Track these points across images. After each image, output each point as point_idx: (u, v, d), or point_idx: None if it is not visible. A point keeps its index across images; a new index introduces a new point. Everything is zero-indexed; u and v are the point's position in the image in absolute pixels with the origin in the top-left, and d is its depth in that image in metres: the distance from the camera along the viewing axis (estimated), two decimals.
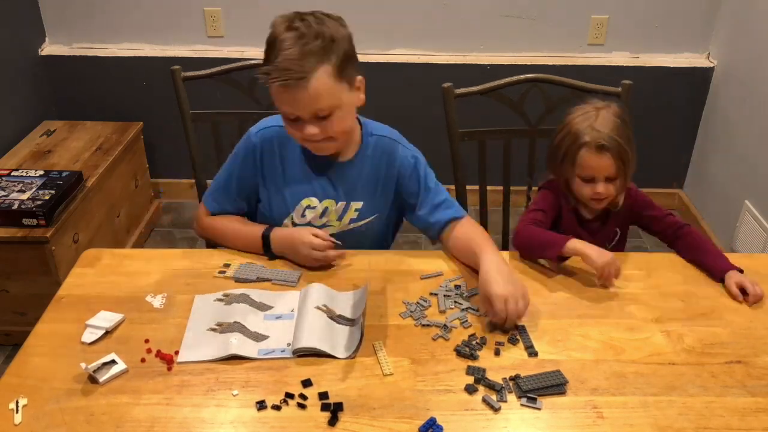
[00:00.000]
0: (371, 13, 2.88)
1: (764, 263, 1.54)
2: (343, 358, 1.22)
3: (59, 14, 2.92)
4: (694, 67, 2.94)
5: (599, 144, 1.47)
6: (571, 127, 1.52)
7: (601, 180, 1.50)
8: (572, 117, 1.53)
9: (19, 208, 2.15)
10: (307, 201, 1.53)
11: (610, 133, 1.47)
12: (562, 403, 1.14)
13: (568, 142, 1.51)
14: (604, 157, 1.48)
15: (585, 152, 1.49)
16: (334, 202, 1.53)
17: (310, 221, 1.54)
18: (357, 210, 1.54)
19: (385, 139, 1.54)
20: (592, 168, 1.49)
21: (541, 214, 1.56)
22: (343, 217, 1.54)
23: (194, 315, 1.32)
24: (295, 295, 1.38)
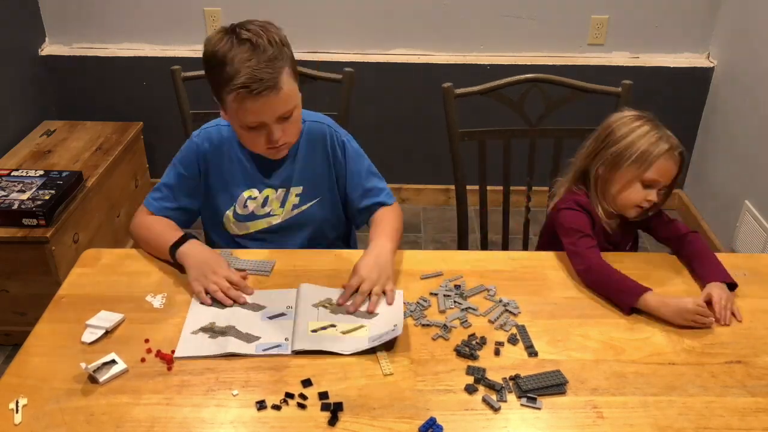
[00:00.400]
0: (371, 13, 2.88)
1: (764, 263, 1.54)
2: (348, 354, 1.22)
3: (59, 14, 2.92)
4: (694, 67, 2.94)
5: (680, 151, 1.51)
6: (642, 132, 1.50)
7: (659, 188, 1.52)
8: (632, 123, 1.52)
9: (19, 208, 2.15)
10: (248, 192, 1.55)
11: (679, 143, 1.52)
12: (562, 403, 1.14)
13: (642, 145, 1.48)
14: (677, 165, 1.52)
15: (665, 158, 1.49)
16: (273, 190, 1.55)
17: (252, 211, 1.56)
18: (297, 195, 1.56)
19: (314, 124, 1.56)
20: (665, 173, 1.50)
21: (590, 240, 1.49)
22: (285, 203, 1.56)
23: (191, 312, 1.33)
24: (290, 293, 1.38)
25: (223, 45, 1.34)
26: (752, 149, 2.61)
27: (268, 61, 1.32)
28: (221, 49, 1.34)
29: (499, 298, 1.39)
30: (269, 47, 1.33)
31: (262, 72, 1.31)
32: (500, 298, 1.39)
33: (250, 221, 1.58)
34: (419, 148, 3.12)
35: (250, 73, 1.31)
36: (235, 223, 1.58)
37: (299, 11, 2.88)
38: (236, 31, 1.36)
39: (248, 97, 1.32)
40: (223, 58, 1.34)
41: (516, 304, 1.37)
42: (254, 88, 1.31)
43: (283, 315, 1.32)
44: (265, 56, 1.32)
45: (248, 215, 1.57)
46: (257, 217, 1.57)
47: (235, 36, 1.35)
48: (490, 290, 1.41)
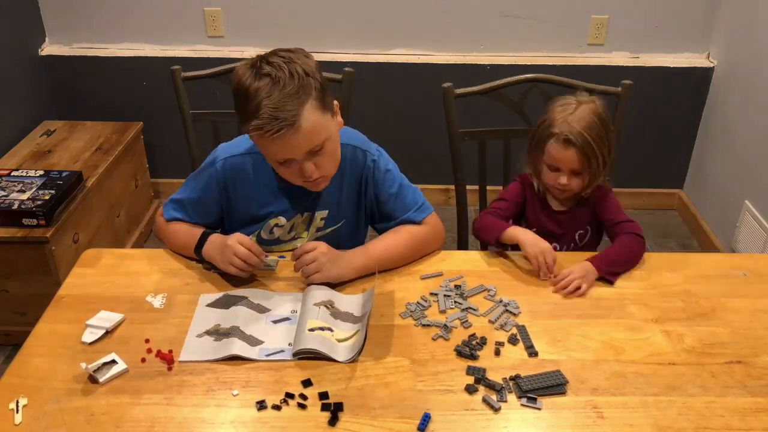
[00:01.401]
0: (371, 13, 2.88)
1: (764, 263, 1.54)
2: (343, 361, 1.22)
3: (59, 14, 2.92)
4: (694, 67, 2.94)
5: (566, 137, 1.52)
6: (548, 116, 1.58)
7: (566, 172, 1.55)
8: (554, 106, 1.59)
9: (19, 208, 2.15)
10: (275, 220, 1.52)
11: (581, 129, 1.52)
12: (562, 403, 1.14)
13: (542, 129, 1.58)
14: (569, 151, 1.53)
15: (553, 143, 1.55)
16: (299, 215, 1.52)
17: (278, 237, 1.54)
18: (323, 219, 1.54)
19: (347, 148, 1.50)
20: (557, 159, 1.55)
21: (502, 203, 1.65)
22: (310, 227, 1.54)
23: (197, 315, 1.33)
24: (295, 296, 1.38)
25: (246, 79, 1.29)
26: (752, 149, 2.61)
27: (288, 97, 1.26)
28: (243, 84, 1.29)
29: (499, 298, 1.39)
30: (290, 81, 1.27)
31: (279, 111, 1.26)
32: (500, 298, 1.39)
33: (275, 245, 1.55)
34: (419, 148, 3.11)
35: (266, 112, 1.26)
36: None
37: (299, 11, 2.88)
38: (258, 65, 1.30)
39: (267, 135, 1.27)
40: (245, 94, 1.29)
41: (516, 304, 1.37)
42: (269, 129, 1.26)
43: (287, 320, 1.32)
44: (284, 91, 1.26)
45: (274, 240, 1.54)
46: (282, 242, 1.54)
47: (256, 70, 1.29)
48: (490, 290, 1.41)
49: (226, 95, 1.86)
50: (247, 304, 1.35)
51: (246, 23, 2.91)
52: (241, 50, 2.95)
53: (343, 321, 1.30)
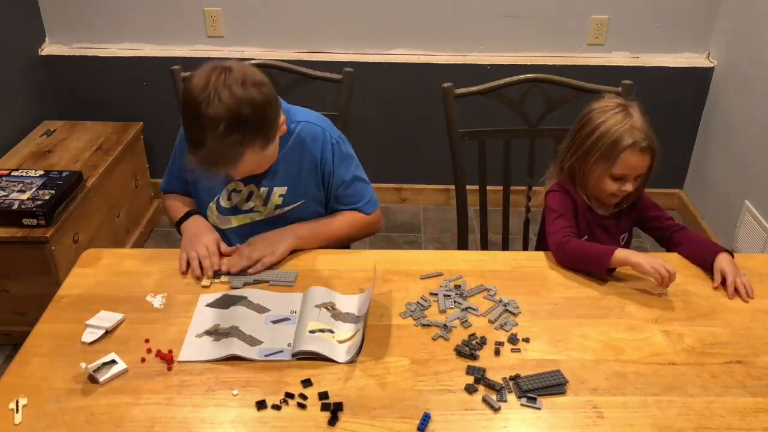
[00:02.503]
0: (371, 13, 2.88)
1: (764, 263, 1.54)
2: (343, 363, 1.22)
3: (59, 14, 2.92)
4: (694, 67, 2.94)
5: (645, 145, 1.49)
6: (608, 128, 1.51)
7: (632, 178, 1.53)
8: (603, 117, 1.52)
9: (19, 208, 2.15)
10: (233, 185, 1.55)
11: (649, 132, 1.50)
12: (562, 403, 1.14)
13: (606, 142, 1.50)
14: (646, 156, 1.51)
15: (629, 153, 1.49)
16: (256, 187, 1.55)
17: (236, 204, 1.57)
18: (281, 196, 1.55)
19: (308, 125, 1.55)
20: (633, 168, 1.51)
21: (566, 219, 1.55)
22: (268, 202, 1.56)
23: (196, 315, 1.33)
24: (294, 296, 1.38)
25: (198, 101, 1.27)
26: (752, 149, 2.61)
27: (231, 144, 1.30)
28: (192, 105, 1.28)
29: (499, 298, 1.39)
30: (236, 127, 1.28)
31: (220, 157, 1.32)
32: (500, 298, 1.39)
33: (232, 215, 1.58)
34: (419, 148, 3.12)
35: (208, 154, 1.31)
36: (219, 217, 1.58)
37: (299, 11, 2.88)
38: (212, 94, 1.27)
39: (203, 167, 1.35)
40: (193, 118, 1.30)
41: (516, 304, 1.37)
42: (207, 168, 1.35)
43: (286, 320, 1.32)
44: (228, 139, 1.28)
45: (231, 209, 1.58)
46: (241, 212, 1.58)
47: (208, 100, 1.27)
48: (490, 290, 1.41)
49: None
50: (247, 304, 1.35)
51: (246, 23, 2.91)
52: (241, 50, 2.95)
53: (344, 322, 1.30)
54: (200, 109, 1.27)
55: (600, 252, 1.44)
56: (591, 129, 1.53)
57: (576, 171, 1.59)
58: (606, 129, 1.51)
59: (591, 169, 1.55)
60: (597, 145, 1.52)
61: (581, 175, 1.58)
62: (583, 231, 1.60)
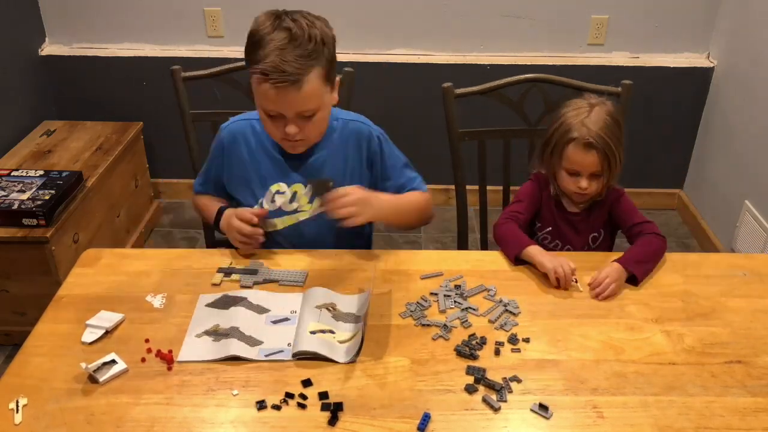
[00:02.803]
0: (371, 13, 2.88)
1: (764, 263, 1.54)
2: (343, 363, 1.22)
3: (59, 14, 2.92)
4: (694, 67, 2.94)
5: (587, 141, 1.51)
6: (563, 121, 1.56)
7: (586, 176, 1.54)
8: (566, 111, 1.57)
9: (19, 208, 2.15)
10: (276, 186, 1.55)
11: (599, 131, 1.51)
12: (563, 403, 1.14)
13: (558, 135, 1.55)
14: (590, 154, 1.51)
15: (573, 147, 1.53)
16: (302, 186, 1.54)
17: (280, 207, 1.55)
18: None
19: (353, 123, 1.57)
20: (578, 163, 1.53)
21: (520, 205, 1.62)
22: (314, 200, 1.54)
23: (196, 315, 1.33)
24: (294, 296, 1.38)
25: (265, 27, 1.34)
26: (752, 149, 2.61)
27: (300, 56, 1.31)
28: (261, 31, 1.34)
29: (499, 298, 1.39)
30: (307, 43, 1.32)
31: (288, 64, 1.31)
32: (500, 298, 1.39)
33: (277, 218, 1.56)
34: (419, 148, 3.09)
35: (277, 62, 1.31)
36: (262, 221, 1.53)
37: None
38: (282, 18, 1.35)
39: (267, 84, 1.33)
40: (260, 40, 1.34)
41: (516, 304, 1.37)
42: (274, 78, 1.32)
43: (287, 320, 1.32)
44: (298, 50, 1.31)
45: (276, 211, 1.55)
46: (285, 213, 1.56)
47: (280, 21, 1.34)
48: (490, 290, 1.41)
49: (226, 95, 1.88)
50: (247, 305, 1.35)
51: (246, 23, 2.86)
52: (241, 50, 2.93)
53: (345, 322, 1.30)
54: (271, 28, 1.33)
55: (517, 241, 1.51)
56: (554, 119, 1.59)
57: (546, 164, 1.62)
58: (562, 121, 1.56)
59: (552, 163, 1.59)
60: (553, 135, 1.57)
61: (549, 169, 1.62)
62: (547, 222, 1.65)
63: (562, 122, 1.56)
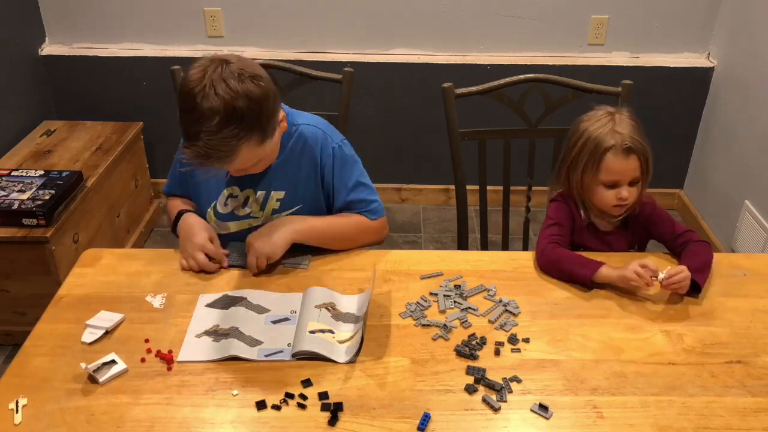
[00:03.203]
0: (371, 13, 2.88)
1: (764, 263, 1.54)
2: (343, 363, 1.22)
3: (59, 14, 2.92)
4: (694, 67, 2.94)
5: (626, 146, 1.45)
6: (590, 134, 1.49)
7: (626, 184, 1.48)
8: (587, 125, 1.50)
9: (19, 208, 2.15)
10: (230, 190, 1.54)
11: (631, 134, 1.46)
12: (563, 403, 1.14)
13: (589, 149, 1.48)
14: (631, 159, 1.46)
15: (612, 156, 1.46)
16: (253, 192, 1.53)
17: (233, 210, 1.55)
18: (279, 200, 1.53)
19: (309, 128, 1.52)
20: (619, 172, 1.47)
21: (557, 228, 1.53)
22: (265, 207, 1.54)
23: (196, 315, 1.33)
24: (294, 296, 1.38)
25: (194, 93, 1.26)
26: (752, 149, 2.61)
27: (226, 138, 1.26)
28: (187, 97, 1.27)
29: (499, 298, 1.39)
30: (233, 119, 1.25)
31: (213, 150, 1.27)
32: (500, 298, 1.39)
33: (230, 221, 1.56)
34: (419, 147, 3.12)
35: (203, 148, 1.26)
36: (216, 222, 1.56)
37: (299, 11, 2.88)
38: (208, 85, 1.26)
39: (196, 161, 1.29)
40: (190, 110, 1.27)
41: (516, 304, 1.37)
42: (201, 162, 1.29)
43: (286, 320, 1.32)
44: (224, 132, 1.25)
45: (229, 214, 1.55)
46: (238, 218, 1.55)
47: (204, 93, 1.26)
48: (490, 290, 1.41)
49: None
50: (246, 305, 1.35)
51: (246, 23, 2.91)
52: (241, 50, 2.95)
53: (345, 322, 1.30)
54: (195, 101, 1.25)
55: (585, 262, 1.43)
56: (576, 137, 1.52)
57: (574, 186, 1.55)
58: (589, 135, 1.49)
59: (586, 183, 1.52)
60: (582, 152, 1.49)
61: (579, 190, 1.54)
62: (578, 243, 1.58)
63: (588, 137, 1.48)
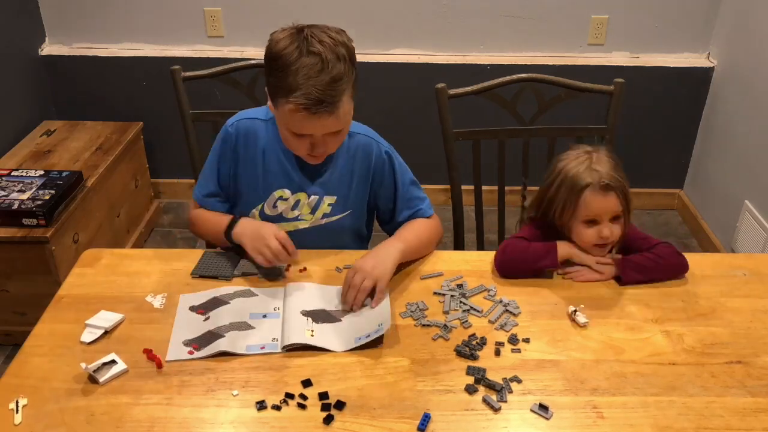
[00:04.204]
0: (371, 13, 2.88)
1: (764, 263, 1.54)
2: (340, 351, 1.22)
3: (59, 14, 2.92)
4: (694, 67, 2.94)
5: (603, 183, 1.41)
6: (567, 173, 1.45)
7: (606, 221, 1.44)
8: (565, 163, 1.47)
9: (19, 208, 2.15)
10: (280, 192, 1.52)
11: (610, 171, 1.43)
12: (563, 403, 1.14)
13: (567, 187, 1.44)
14: (609, 196, 1.42)
15: (589, 194, 1.41)
16: (306, 195, 1.53)
17: (281, 212, 1.54)
18: (330, 205, 1.54)
19: (360, 137, 1.54)
20: (598, 209, 1.42)
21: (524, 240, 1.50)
22: (316, 211, 1.54)
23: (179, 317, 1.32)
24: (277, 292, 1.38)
25: (291, 51, 1.29)
26: (752, 149, 2.61)
27: (333, 82, 1.28)
28: (287, 55, 1.29)
29: (499, 298, 1.39)
30: (337, 66, 1.29)
31: (324, 93, 1.28)
32: (500, 298, 1.39)
33: (277, 222, 1.53)
34: (419, 147, 3.09)
35: (312, 93, 1.27)
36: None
37: (299, 11, 2.87)
38: (308, 39, 1.30)
39: (303, 113, 1.30)
40: (287, 66, 1.29)
41: (516, 304, 1.37)
42: (313, 110, 1.29)
43: (271, 315, 1.32)
44: (330, 76, 1.28)
45: (276, 216, 1.54)
46: (285, 220, 1.54)
47: (306, 44, 1.29)
48: (490, 290, 1.41)
49: (226, 95, 1.87)
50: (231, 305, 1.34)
51: (246, 23, 2.91)
52: (241, 50, 2.95)
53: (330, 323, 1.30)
54: (296, 55, 1.28)
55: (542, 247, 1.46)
56: (554, 176, 1.48)
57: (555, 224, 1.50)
58: (566, 173, 1.45)
59: (565, 221, 1.48)
60: (560, 191, 1.46)
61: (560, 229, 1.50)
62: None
63: (565, 175, 1.45)
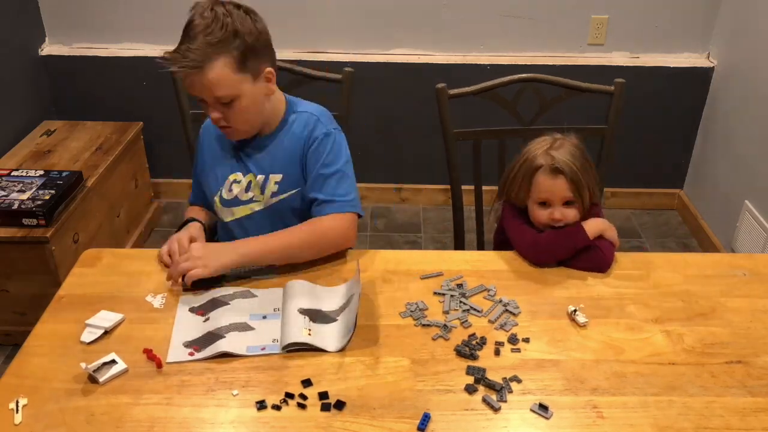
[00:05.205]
0: (371, 13, 2.88)
1: (764, 263, 1.54)
2: (334, 351, 1.22)
3: (59, 14, 2.92)
4: (694, 67, 2.94)
5: (554, 167, 1.49)
6: (528, 155, 1.55)
7: (558, 204, 1.51)
8: (529, 147, 1.57)
9: (19, 208, 2.15)
10: (234, 176, 1.59)
11: (563, 157, 1.50)
12: (563, 403, 1.14)
13: (524, 168, 1.54)
14: (559, 179, 1.49)
15: (541, 175, 1.51)
16: (254, 175, 1.57)
17: (236, 195, 1.59)
18: (276, 183, 1.56)
19: (305, 115, 1.56)
20: (547, 191, 1.51)
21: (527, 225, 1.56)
22: (265, 190, 1.57)
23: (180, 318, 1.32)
24: (276, 292, 1.38)
25: (197, 11, 1.40)
26: (752, 149, 2.61)
27: (205, 44, 1.36)
28: (191, 15, 1.40)
29: (499, 298, 1.39)
30: (218, 31, 1.37)
31: (191, 51, 1.36)
32: (500, 298, 1.39)
33: (234, 207, 1.59)
34: (419, 147, 3.12)
35: (183, 49, 1.37)
36: (222, 210, 1.61)
37: (299, 11, 2.88)
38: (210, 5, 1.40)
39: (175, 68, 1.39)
40: (187, 26, 1.40)
41: (516, 304, 1.37)
42: (179, 64, 1.37)
43: (271, 315, 1.32)
44: (206, 39, 1.36)
45: (233, 200, 1.59)
46: (241, 203, 1.59)
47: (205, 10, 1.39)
48: (490, 290, 1.41)
49: None
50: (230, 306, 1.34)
51: None
52: None
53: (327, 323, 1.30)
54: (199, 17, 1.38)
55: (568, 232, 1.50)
56: (517, 158, 1.58)
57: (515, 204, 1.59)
58: (526, 155, 1.55)
59: (521, 199, 1.56)
60: (519, 171, 1.55)
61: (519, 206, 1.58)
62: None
63: (526, 157, 1.55)
